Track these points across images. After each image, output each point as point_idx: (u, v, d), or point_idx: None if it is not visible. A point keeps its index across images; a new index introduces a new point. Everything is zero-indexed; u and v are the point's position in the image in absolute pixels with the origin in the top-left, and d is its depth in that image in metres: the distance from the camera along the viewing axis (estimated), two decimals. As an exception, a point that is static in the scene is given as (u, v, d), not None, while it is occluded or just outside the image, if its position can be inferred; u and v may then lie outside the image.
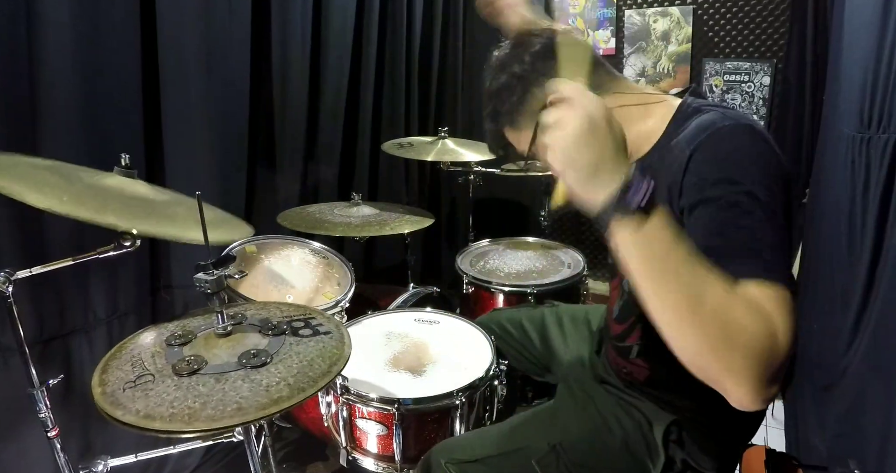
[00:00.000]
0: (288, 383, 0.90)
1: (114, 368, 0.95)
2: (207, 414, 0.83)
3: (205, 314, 1.11)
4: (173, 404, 0.85)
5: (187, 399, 0.86)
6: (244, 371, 0.93)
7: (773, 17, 2.42)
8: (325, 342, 1.04)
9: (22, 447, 1.32)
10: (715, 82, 2.55)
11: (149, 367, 0.94)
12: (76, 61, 1.30)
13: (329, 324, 1.10)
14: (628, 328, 1.04)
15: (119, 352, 1.00)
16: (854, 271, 1.46)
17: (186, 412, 0.83)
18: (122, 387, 0.89)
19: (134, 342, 1.03)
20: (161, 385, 0.89)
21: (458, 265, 1.97)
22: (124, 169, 1.08)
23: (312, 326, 1.08)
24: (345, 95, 2.18)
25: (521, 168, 2.15)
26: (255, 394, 0.87)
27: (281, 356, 0.98)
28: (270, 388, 0.89)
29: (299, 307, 1.18)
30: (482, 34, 2.98)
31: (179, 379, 0.90)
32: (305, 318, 1.12)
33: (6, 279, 0.93)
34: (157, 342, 1.02)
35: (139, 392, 0.88)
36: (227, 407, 0.84)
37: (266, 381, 0.91)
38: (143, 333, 1.06)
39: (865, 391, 1.43)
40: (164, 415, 0.83)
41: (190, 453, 1.65)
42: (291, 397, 0.87)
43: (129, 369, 0.94)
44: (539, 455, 0.99)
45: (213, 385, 0.89)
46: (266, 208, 1.95)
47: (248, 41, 1.74)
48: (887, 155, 1.34)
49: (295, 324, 1.08)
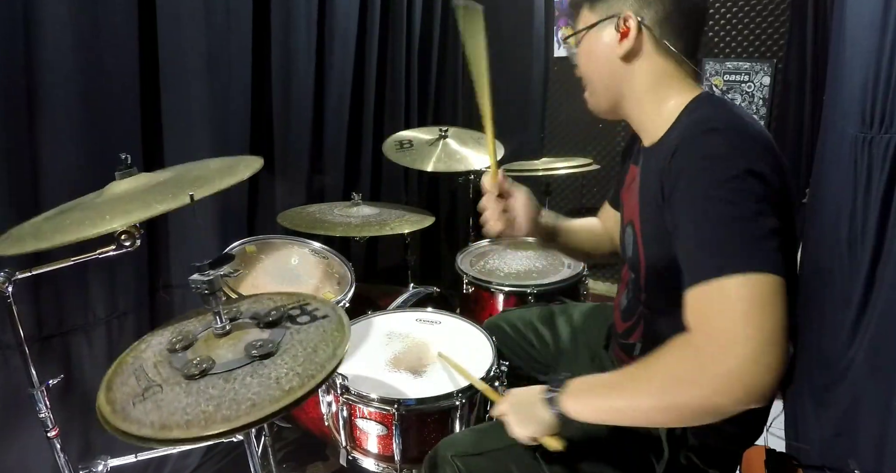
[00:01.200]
0: (297, 372, 0.90)
1: (118, 384, 0.92)
2: (223, 415, 0.82)
3: (196, 315, 1.10)
4: (186, 410, 0.84)
5: (199, 404, 0.85)
6: (251, 367, 0.92)
7: (773, 17, 2.42)
8: (325, 326, 1.03)
9: (22, 447, 1.32)
10: (715, 82, 2.55)
11: (154, 378, 0.93)
12: (76, 61, 1.30)
13: (325, 307, 1.09)
14: (632, 325, 1.04)
15: (120, 367, 0.98)
16: (854, 271, 1.46)
17: (202, 416, 0.83)
18: (132, 402, 0.87)
19: (133, 354, 1.01)
20: (170, 394, 0.88)
21: (458, 265, 1.97)
22: (125, 169, 1.08)
23: (309, 312, 1.08)
24: (349, 95, 2.18)
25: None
26: (266, 388, 0.87)
27: (285, 345, 0.98)
28: (280, 380, 0.89)
29: (291, 294, 1.17)
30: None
31: (188, 385, 0.89)
32: (300, 305, 1.11)
33: (6, 279, 0.93)
34: (156, 350, 1.01)
35: (150, 405, 0.86)
36: (242, 405, 0.84)
37: (274, 374, 0.90)
38: (141, 344, 1.04)
39: (865, 391, 1.43)
40: (180, 423, 0.82)
41: (190, 453, 1.65)
42: (303, 385, 0.87)
43: (133, 383, 0.92)
44: (544, 449, 0.99)
45: (223, 386, 0.89)
46: (266, 208, 1.95)
47: (248, 41, 1.74)
48: (889, 155, 1.34)
49: (291, 312, 1.08)
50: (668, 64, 0.92)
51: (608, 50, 0.93)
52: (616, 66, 0.93)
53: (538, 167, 2.19)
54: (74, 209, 1.01)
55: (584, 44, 0.97)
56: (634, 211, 0.98)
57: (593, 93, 1.01)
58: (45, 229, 0.95)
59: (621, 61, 0.93)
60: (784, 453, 1.46)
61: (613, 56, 0.93)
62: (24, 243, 0.91)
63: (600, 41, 0.94)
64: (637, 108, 0.96)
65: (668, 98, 0.92)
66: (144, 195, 1.00)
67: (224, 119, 1.70)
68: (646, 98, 0.94)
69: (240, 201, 1.82)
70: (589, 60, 0.98)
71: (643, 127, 0.98)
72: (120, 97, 1.42)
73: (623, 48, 0.91)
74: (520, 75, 2.97)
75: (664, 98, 0.92)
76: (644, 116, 0.96)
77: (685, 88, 0.92)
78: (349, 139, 2.26)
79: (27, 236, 0.94)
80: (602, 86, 0.98)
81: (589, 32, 0.95)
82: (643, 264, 0.96)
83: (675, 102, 0.91)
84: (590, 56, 0.97)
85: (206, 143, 1.65)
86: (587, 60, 0.98)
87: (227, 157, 1.21)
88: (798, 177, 2.18)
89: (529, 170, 2.19)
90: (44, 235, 0.92)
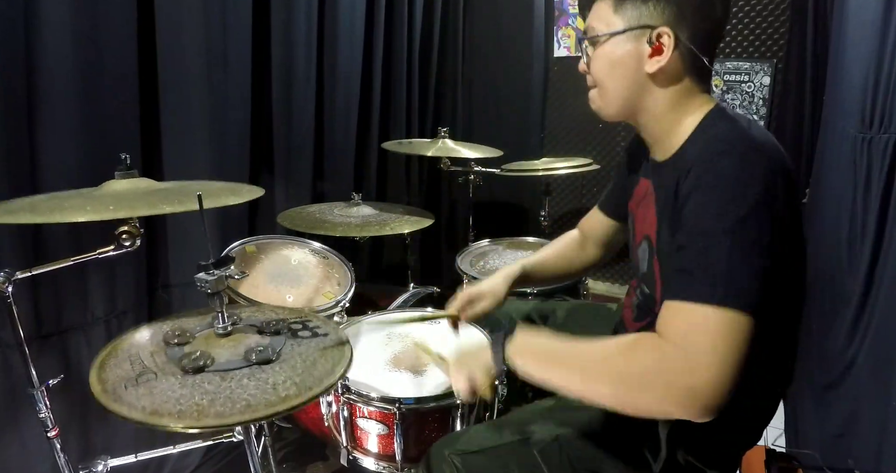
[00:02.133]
0: (294, 381, 0.91)
1: (112, 366, 0.94)
2: (217, 411, 0.83)
3: (197, 314, 1.10)
4: (180, 401, 0.85)
5: (194, 397, 0.86)
6: (249, 370, 0.93)
7: (773, 17, 2.42)
8: (325, 343, 1.04)
9: (22, 447, 1.32)
10: (715, 82, 2.55)
11: (149, 365, 0.94)
12: (75, 61, 1.30)
13: (326, 327, 1.10)
14: (645, 326, 1.04)
15: (115, 350, 0.99)
16: (854, 271, 1.46)
17: (195, 408, 0.83)
18: (124, 384, 0.88)
19: (129, 340, 1.03)
20: (165, 383, 0.89)
21: (458, 265, 1.97)
22: (124, 170, 1.08)
23: (310, 328, 1.09)
24: (357, 96, 2.18)
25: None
26: (263, 392, 0.87)
27: (284, 355, 0.98)
28: (277, 386, 0.89)
29: (294, 310, 1.18)
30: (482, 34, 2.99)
31: (184, 377, 0.90)
32: (302, 321, 1.12)
33: (6, 279, 0.93)
34: (153, 341, 1.02)
35: (143, 390, 0.87)
36: (236, 404, 0.84)
37: (272, 380, 0.91)
38: (138, 332, 1.06)
39: (865, 391, 1.43)
40: (171, 412, 0.83)
41: (189, 453, 1.65)
42: (300, 394, 0.88)
43: (128, 367, 0.93)
44: (541, 446, 0.99)
45: (220, 383, 0.89)
46: (266, 208, 1.95)
47: (248, 41, 1.74)
48: (888, 155, 1.34)
49: (293, 326, 1.09)
50: (692, 81, 0.90)
51: (635, 63, 0.88)
52: (641, 80, 0.89)
53: (538, 167, 2.19)
54: (74, 197, 1.01)
55: (606, 48, 0.91)
56: (652, 227, 0.96)
57: (604, 97, 0.96)
58: (41, 207, 0.94)
59: (647, 77, 0.89)
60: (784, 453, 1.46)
61: (640, 70, 0.88)
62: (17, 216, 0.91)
63: (626, 51, 0.88)
64: (654, 123, 0.94)
65: (686, 114, 0.90)
66: (147, 196, 1.00)
67: (224, 119, 1.70)
68: (666, 116, 0.91)
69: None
70: (608, 66, 0.92)
71: (658, 141, 0.96)
72: (120, 97, 1.42)
73: (654, 65, 0.87)
74: (520, 75, 2.97)
75: (683, 114, 0.90)
76: (661, 132, 0.94)
77: (702, 103, 0.90)
78: (350, 140, 2.26)
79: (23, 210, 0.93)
80: (617, 95, 0.94)
81: (611, 38, 0.89)
82: (659, 281, 0.95)
83: (693, 119, 0.89)
84: (610, 63, 0.91)
85: (206, 143, 1.65)
86: (606, 66, 0.92)
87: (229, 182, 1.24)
88: (798, 177, 2.18)
89: (529, 170, 2.19)
90: (40, 211, 0.92)
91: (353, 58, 2.15)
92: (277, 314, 1.14)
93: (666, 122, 0.92)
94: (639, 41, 0.88)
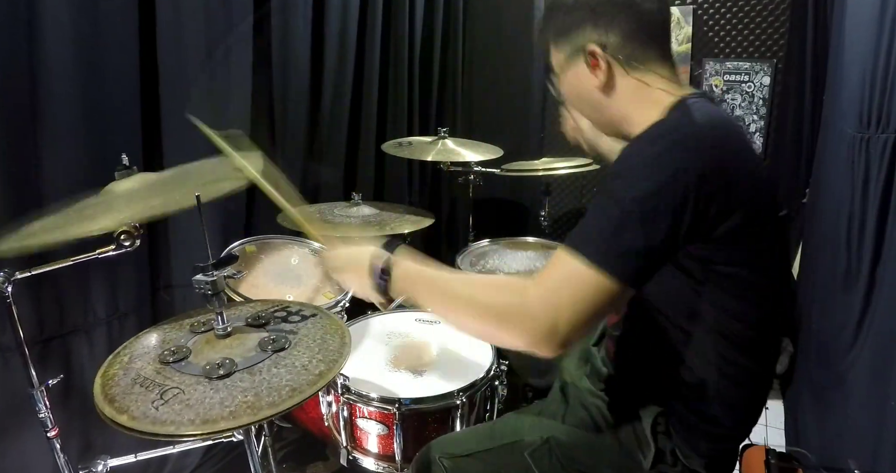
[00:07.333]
0: (319, 358, 0.94)
1: (123, 395, 0.89)
2: (269, 402, 0.85)
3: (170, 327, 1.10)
4: (224, 403, 0.85)
5: (236, 397, 0.86)
6: (271, 361, 0.95)
7: (773, 17, 2.42)
8: (321, 322, 1.07)
9: (22, 447, 1.32)
10: (715, 82, 2.55)
11: (165, 382, 0.91)
12: (76, 61, 1.30)
13: (309, 309, 1.13)
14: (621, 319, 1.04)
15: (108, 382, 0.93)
16: (854, 270, 1.46)
17: (246, 405, 0.84)
18: (152, 406, 0.85)
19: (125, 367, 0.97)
20: (197, 393, 0.87)
21: (458, 265, 1.97)
22: (124, 170, 1.08)
23: (295, 312, 1.12)
24: (348, 95, 2.18)
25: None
26: (298, 375, 0.90)
27: (294, 339, 1.01)
28: (307, 366, 0.92)
29: (266, 301, 1.19)
30: (483, 34, 2.98)
31: (211, 383, 0.90)
32: (284, 308, 1.14)
33: (6, 279, 0.93)
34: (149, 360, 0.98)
35: (177, 405, 0.85)
36: (282, 390, 0.87)
37: (298, 362, 0.94)
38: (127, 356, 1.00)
39: (865, 391, 1.43)
40: (223, 415, 0.82)
41: (189, 453, 1.65)
42: (331, 369, 0.91)
43: (141, 391, 0.89)
44: (531, 449, 1.00)
45: (252, 379, 0.90)
46: (266, 208, 1.94)
47: (248, 41, 1.74)
48: (886, 155, 1.34)
49: (277, 315, 1.11)
50: (645, 76, 0.91)
51: (586, 83, 0.93)
52: (598, 96, 0.94)
53: (538, 167, 2.18)
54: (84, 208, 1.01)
55: (565, 82, 0.98)
56: None
57: (592, 121, 1.03)
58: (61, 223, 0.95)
59: (601, 92, 0.93)
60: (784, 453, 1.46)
61: (592, 88, 0.93)
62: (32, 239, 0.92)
63: (577, 77, 0.94)
64: (631, 127, 0.95)
65: (651, 109, 0.90)
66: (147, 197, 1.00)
67: (224, 119, 1.70)
68: (634, 116, 0.92)
69: (239, 202, 1.82)
70: (574, 97, 0.99)
71: None
72: (120, 97, 1.42)
73: (599, 79, 0.91)
74: (520, 75, 2.97)
75: (648, 110, 0.90)
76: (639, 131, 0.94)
77: (663, 97, 0.90)
78: (351, 140, 2.26)
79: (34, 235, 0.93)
80: (595, 117, 1.00)
81: (565, 72, 0.96)
82: None
83: (657, 113, 0.89)
84: (573, 94, 0.98)
85: (206, 142, 1.65)
86: (573, 98, 1.00)
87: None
88: (797, 177, 2.18)
89: (529, 170, 2.19)
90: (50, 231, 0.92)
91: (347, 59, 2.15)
92: (255, 309, 1.15)
93: (636, 124, 0.92)
94: (579, 64, 0.93)
